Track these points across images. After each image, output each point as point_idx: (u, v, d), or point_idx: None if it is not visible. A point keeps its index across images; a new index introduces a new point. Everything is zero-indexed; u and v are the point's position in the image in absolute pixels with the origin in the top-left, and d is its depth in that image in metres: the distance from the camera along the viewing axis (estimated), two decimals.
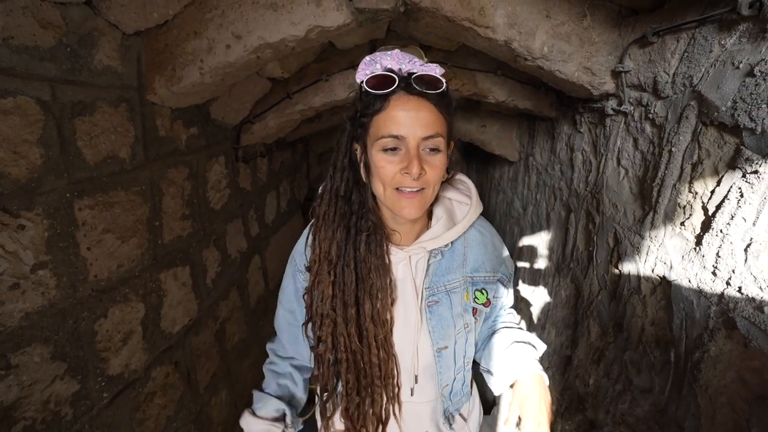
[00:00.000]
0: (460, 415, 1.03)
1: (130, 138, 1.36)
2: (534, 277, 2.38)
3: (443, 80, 0.75)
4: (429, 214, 0.90)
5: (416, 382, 0.91)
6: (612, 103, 1.43)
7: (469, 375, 1.01)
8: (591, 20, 1.32)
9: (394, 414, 0.91)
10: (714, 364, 0.89)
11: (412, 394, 0.92)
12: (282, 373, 1.04)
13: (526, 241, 2.58)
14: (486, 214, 1.01)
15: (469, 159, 4.99)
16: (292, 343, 1.01)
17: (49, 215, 1.05)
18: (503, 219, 3.27)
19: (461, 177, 0.94)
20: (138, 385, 1.40)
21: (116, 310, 1.30)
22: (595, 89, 1.41)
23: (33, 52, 0.97)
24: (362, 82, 0.75)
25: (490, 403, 3.31)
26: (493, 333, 1.01)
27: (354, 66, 2.01)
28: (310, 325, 0.88)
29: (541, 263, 2.28)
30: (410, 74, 0.74)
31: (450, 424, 0.97)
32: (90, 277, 1.20)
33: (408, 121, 0.73)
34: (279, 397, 1.00)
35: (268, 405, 0.98)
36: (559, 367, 1.91)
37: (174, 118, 1.61)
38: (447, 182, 0.93)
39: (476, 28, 1.36)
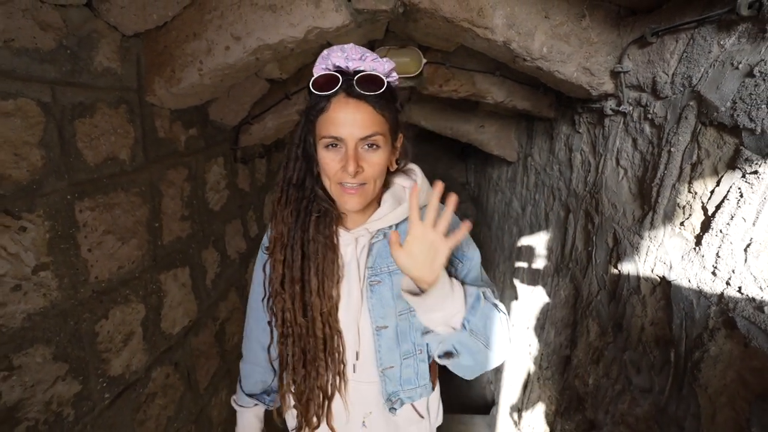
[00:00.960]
0: (414, 407, 1.03)
1: (130, 139, 1.36)
2: (533, 277, 2.39)
3: (385, 79, 0.79)
4: (380, 201, 0.94)
5: (357, 359, 0.96)
6: (611, 104, 1.44)
7: (424, 365, 1.01)
8: (590, 20, 1.33)
9: (339, 390, 0.96)
10: (714, 363, 0.89)
11: (354, 371, 0.97)
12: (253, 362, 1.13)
13: (525, 241, 2.59)
14: (484, 214, 1.01)
15: (467, 159, 5.00)
16: (257, 321, 1.09)
17: (50, 217, 1.05)
18: (502, 219, 3.28)
19: (411, 166, 0.98)
20: (139, 386, 1.40)
21: (117, 311, 1.30)
22: (594, 89, 1.42)
23: (33, 54, 0.97)
24: (311, 80, 0.80)
25: (489, 403, 3.32)
26: None
27: None
28: (269, 302, 0.96)
29: (540, 263, 2.29)
30: (356, 72, 0.78)
31: (393, 409, 0.99)
32: (91, 279, 1.19)
33: (346, 122, 0.77)
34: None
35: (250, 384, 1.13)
36: (559, 367, 1.91)
37: (173, 120, 1.60)
38: (400, 171, 0.97)
39: (475, 29, 1.37)
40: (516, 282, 2.74)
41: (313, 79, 0.79)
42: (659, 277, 1.15)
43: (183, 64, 1.39)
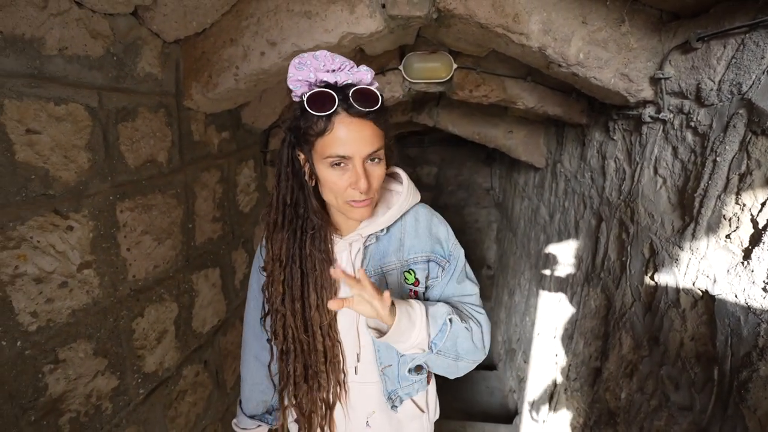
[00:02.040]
0: (415, 402, 1.06)
1: (168, 142, 1.40)
2: (561, 286, 2.33)
3: (380, 94, 0.79)
4: None
5: (358, 361, 0.98)
6: (649, 111, 1.39)
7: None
8: (629, 26, 1.29)
9: (340, 399, 0.99)
10: (764, 384, 0.85)
11: (356, 373, 0.99)
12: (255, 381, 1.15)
13: (552, 249, 2.53)
14: (509, 220, 1.02)
15: (492, 164, 4.95)
16: (256, 339, 1.09)
17: (94, 217, 1.09)
18: (528, 226, 3.22)
19: (396, 170, 0.97)
20: (171, 383, 1.43)
21: (152, 310, 1.34)
22: (632, 96, 1.38)
23: (84, 61, 1.01)
24: (302, 97, 0.77)
25: (512, 412, 3.26)
26: None
27: (383, 71, 2.02)
28: (268, 319, 0.97)
29: (568, 272, 2.24)
30: (347, 86, 0.76)
31: (395, 407, 1.01)
32: (129, 277, 1.23)
33: (352, 141, 0.77)
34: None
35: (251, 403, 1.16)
36: (588, 378, 1.86)
37: (208, 123, 1.65)
38: (387, 174, 0.97)
39: (510, 35, 1.35)
40: (542, 290, 2.69)
41: (306, 97, 0.76)
42: (701, 290, 1.10)
43: (220, 70, 1.43)
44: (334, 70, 0.77)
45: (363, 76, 0.78)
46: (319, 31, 1.36)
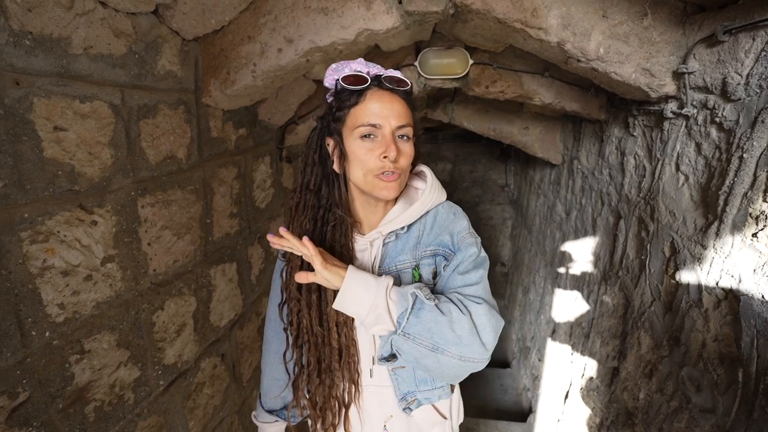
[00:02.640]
0: (436, 408, 1.03)
1: (187, 139, 1.42)
2: (577, 284, 2.30)
3: (408, 81, 0.87)
4: (393, 202, 0.95)
5: (374, 363, 0.96)
6: (672, 106, 1.36)
7: None
8: (652, 19, 1.26)
9: (355, 400, 0.98)
10: None
11: (371, 376, 0.97)
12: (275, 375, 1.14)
13: (568, 246, 2.50)
14: (524, 217, 1.01)
15: (506, 161, 4.90)
16: (276, 333, 1.09)
17: (117, 212, 1.12)
18: (543, 223, 3.19)
19: (422, 168, 0.98)
20: (189, 375, 1.46)
21: (172, 303, 1.37)
22: (653, 91, 1.35)
23: (107, 59, 1.04)
24: (337, 80, 0.86)
25: (526, 410, 3.24)
26: None
27: (399, 67, 2.02)
28: (285, 308, 0.97)
29: (585, 270, 2.21)
30: (378, 76, 0.85)
31: (408, 409, 0.98)
32: (150, 271, 1.26)
33: (383, 111, 0.82)
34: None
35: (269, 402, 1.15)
36: (605, 378, 1.84)
37: (225, 120, 1.67)
38: (412, 173, 0.98)
39: (528, 30, 1.33)
40: (557, 288, 2.66)
41: (342, 77, 0.84)
42: (725, 290, 1.08)
43: (237, 66, 1.44)
44: (366, 68, 0.86)
45: (393, 73, 0.87)
46: (335, 28, 1.37)
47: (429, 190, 0.91)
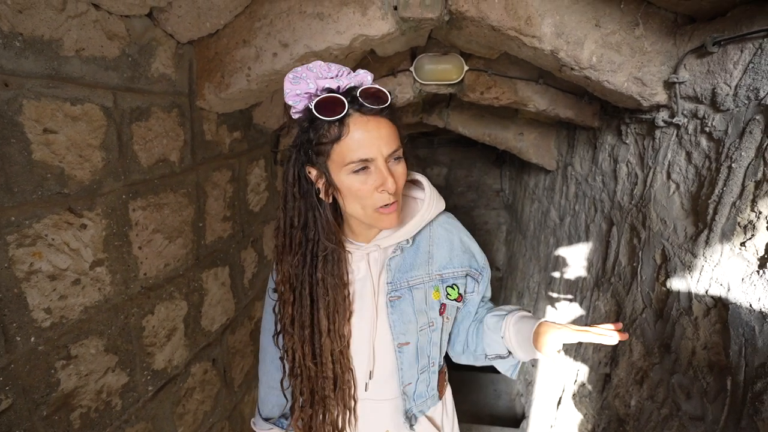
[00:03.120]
0: (428, 417, 1.02)
1: (180, 142, 1.42)
2: (570, 290, 2.31)
3: (387, 91, 0.76)
4: None
5: (370, 378, 0.93)
6: (663, 115, 1.37)
7: (435, 377, 1.00)
8: (644, 29, 1.28)
9: (349, 424, 0.95)
10: None
11: (366, 389, 0.95)
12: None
13: (562, 252, 2.51)
14: (519, 222, 1.03)
15: (502, 166, 4.92)
16: (272, 345, 1.06)
17: (107, 215, 1.11)
18: (538, 228, 3.20)
19: (417, 176, 0.94)
20: (179, 380, 1.45)
21: (162, 308, 1.35)
22: (645, 100, 1.36)
23: (100, 62, 1.03)
24: (309, 108, 0.74)
25: (519, 416, 3.24)
26: (482, 321, 0.99)
27: (394, 73, 2.02)
28: (280, 337, 0.95)
29: (578, 276, 2.22)
30: (351, 90, 0.74)
31: (411, 425, 0.98)
32: (140, 275, 1.25)
33: (372, 142, 0.73)
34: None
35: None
36: (597, 384, 1.84)
37: (219, 123, 1.66)
38: (407, 181, 0.94)
39: (522, 38, 1.34)
40: (551, 294, 2.67)
41: (314, 104, 0.72)
42: (714, 298, 1.08)
43: (232, 70, 1.44)
44: (332, 77, 0.74)
45: (363, 78, 0.76)
46: (331, 33, 1.37)
47: (429, 201, 0.89)
